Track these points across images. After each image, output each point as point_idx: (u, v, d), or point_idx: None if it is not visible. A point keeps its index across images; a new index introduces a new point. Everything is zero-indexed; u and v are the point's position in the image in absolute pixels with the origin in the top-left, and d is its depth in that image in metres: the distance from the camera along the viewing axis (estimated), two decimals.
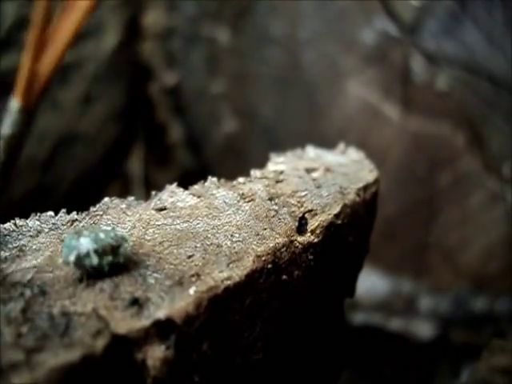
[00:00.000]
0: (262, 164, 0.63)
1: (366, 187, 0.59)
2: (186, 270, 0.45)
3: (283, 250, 0.49)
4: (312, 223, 0.52)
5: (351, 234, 0.57)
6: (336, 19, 1.07)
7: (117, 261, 0.44)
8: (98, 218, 0.52)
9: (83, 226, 0.51)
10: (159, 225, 0.51)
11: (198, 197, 0.55)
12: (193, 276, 0.44)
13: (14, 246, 0.48)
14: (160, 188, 0.56)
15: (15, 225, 0.50)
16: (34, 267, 0.45)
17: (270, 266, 0.48)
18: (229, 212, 0.53)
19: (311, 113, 1.11)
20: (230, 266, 0.46)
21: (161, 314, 0.41)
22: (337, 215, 0.54)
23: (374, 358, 1.04)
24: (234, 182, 0.58)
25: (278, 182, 0.58)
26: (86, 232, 0.44)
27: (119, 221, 0.51)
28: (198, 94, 1.18)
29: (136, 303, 0.42)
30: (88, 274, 0.44)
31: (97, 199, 0.55)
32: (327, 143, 0.69)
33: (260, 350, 0.48)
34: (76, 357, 0.37)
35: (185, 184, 0.57)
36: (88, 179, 1.16)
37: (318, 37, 1.08)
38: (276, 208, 0.53)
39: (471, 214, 1.02)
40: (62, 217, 0.52)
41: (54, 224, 0.51)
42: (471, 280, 1.03)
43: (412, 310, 1.06)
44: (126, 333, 0.40)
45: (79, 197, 1.10)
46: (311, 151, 0.66)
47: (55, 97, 1.06)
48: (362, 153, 0.66)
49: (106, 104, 1.16)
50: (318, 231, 0.52)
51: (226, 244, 0.48)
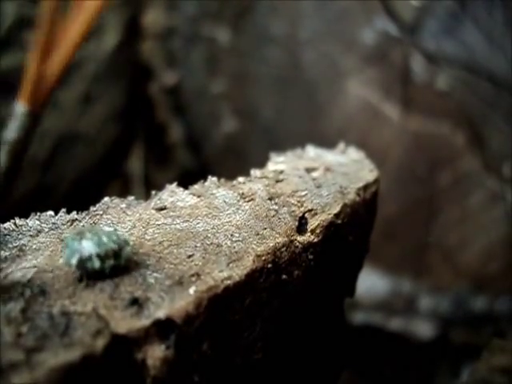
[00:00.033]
0: (261, 164, 0.63)
1: (366, 187, 0.59)
2: (185, 269, 0.45)
3: (283, 249, 0.49)
4: (312, 223, 0.52)
5: (351, 234, 0.57)
6: (336, 19, 1.07)
7: (118, 264, 0.44)
8: (98, 217, 0.52)
9: (84, 227, 0.51)
10: (159, 224, 0.51)
11: (198, 196, 0.55)
12: (193, 276, 0.44)
13: (14, 245, 0.48)
14: (160, 188, 0.56)
15: (15, 224, 0.50)
16: (34, 267, 0.45)
17: (270, 265, 0.48)
18: (229, 212, 0.53)
19: (311, 112, 1.10)
20: (230, 265, 0.46)
21: (161, 314, 0.41)
22: (337, 215, 0.54)
23: (374, 357, 1.04)
24: (234, 182, 0.58)
25: (278, 181, 0.57)
26: (89, 235, 0.44)
27: (119, 220, 0.51)
28: (198, 93, 1.18)
29: (136, 303, 0.42)
30: (88, 275, 0.44)
31: (97, 199, 0.54)
32: (327, 143, 0.68)
33: (260, 349, 0.48)
34: (76, 356, 0.37)
35: (185, 184, 0.57)
36: (88, 179, 1.16)
37: (318, 37, 1.08)
38: (276, 208, 0.53)
39: (471, 213, 1.02)
40: (62, 216, 0.52)
41: (54, 224, 0.51)
42: (471, 280, 1.03)
43: (412, 310, 1.05)
44: (126, 332, 0.40)
45: (79, 196, 1.10)
46: (311, 151, 0.66)
47: (55, 97, 1.05)
48: (362, 152, 0.66)
49: (106, 104, 1.16)
50: (318, 231, 0.52)
51: (225, 244, 0.48)
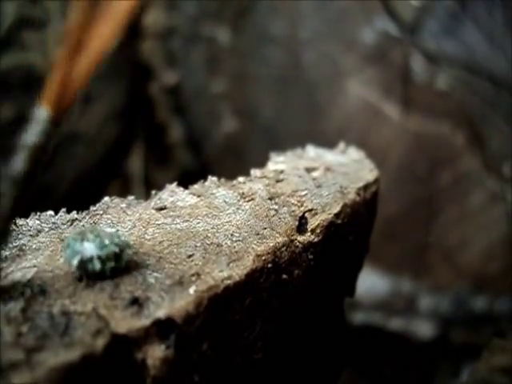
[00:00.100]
0: (262, 163, 0.63)
1: (366, 187, 0.59)
2: (186, 269, 0.45)
3: (283, 249, 0.49)
4: (312, 222, 0.52)
5: (351, 234, 0.57)
6: (336, 19, 1.07)
7: (119, 266, 0.44)
8: (98, 217, 0.52)
9: (85, 227, 0.51)
10: (159, 224, 0.51)
11: (198, 196, 0.55)
12: (193, 275, 0.44)
13: (14, 245, 0.48)
14: (160, 187, 0.56)
15: (15, 224, 0.50)
16: (34, 266, 0.45)
17: (270, 265, 0.48)
18: (229, 211, 0.53)
19: (311, 112, 1.10)
20: (230, 265, 0.46)
21: (161, 314, 0.41)
22: (337, 215, 0.54)
23: (374, 357, 1.04)
24: (234, 182, 0.58)
25: (278, 181, 0.57)
26: (91, 236, 0.44)
27: (119, 220, 0.51)
28: (198, 93, 1.18)
29: (136, 302, 0.41)
30: (89, 276, 0.44)
31: (97, 198, 0.55)
32: (327, 143, 0.68)
33: (260, 349, 0.48)
34: (76, 356, 0.37)
35: (185, 183, 0.57)
36: (88, 178, 1.16)
37: (318, 36, 1.08)
38: (276, 207, 0.53)
39: (471, 213, 1.02)
40: (62, 216, 0.52)
41: (54, 223, 0.51)
42: (471, 280, 1.03)
43: (412, 310, 1.05)
44: (126, 332, 0.40)
45: (79, 196, 1.10)
46: (311, 151, 0.66)
47: None
48: (362, 152, 0.66)
49: (106, 103, 1.16)
50: (318, 231, 0.52)
51: (226, 243, 0.48)
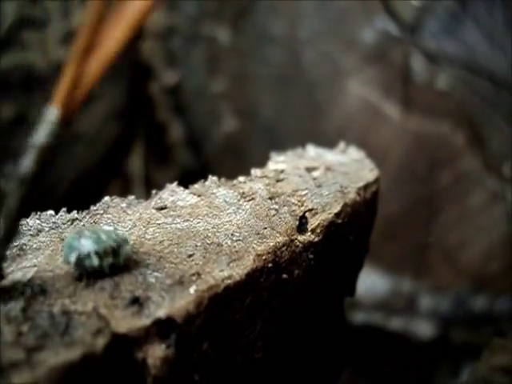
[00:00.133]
0: (262, 163, 0.63)
1: (366, 186, 0.59)
2: (186, 268, 0.45)
3: (284, 249, 0.49)
4: (312, 222, 0.52)
5: (352, 233, 0.57)
6: (336, 19, 1.07)
7: (117, 262, 0.44)
8: (98, 216, 0.52)
9: (84, 226, 0.51)
10: (159, 224, 0.51)
11: (199, 196, 0.55)
12: (193, 275, 0.44)
13: (15, 244, 0.48)
14: (160, 187, 0.56)
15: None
16: (35, 266, 0.45)
17: (270, 265, 0.48)
18: (229, 211, 0.53)
19: (312, 112, 1.10)
20: (231, 264, 0.46)
21: (161, 313, 0.41)
22: (337, 214, 0.54)
23: (374, 357, 1.04)
24: (235, 181, 0.58)
25: (278, 181, 0.57)
26: (88, 233, 0.44)
27: (119, 220, 0.51)
28: (198, 93, 1.18)
29: (136, 302, 0.41)
30: (88, 274, 0.44)
31: (97, 198, 0.55)
32: (327, 142, 0.68)
33: (260, 349, 0.48)
34: (76, 356, 0.37)
35: (185, 183, 0.57)
36: (88, 178, 1.16)
37: (318, 36, 1.08)
38: (276, 207, 0.53)
39: (471, 213, 1.02)
40: (63, 216, 0.52)
41: (54, 223, 0.51)
42: (471, 279, 1.03)
43: (412, 310, 1.05)
44: (127, 332, 0.40)
45: (79, 196, 1.10)
46: (312, 150, 0.66)
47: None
48: (363, 152, 0.66)
49: (107, 103, 1.16)
50: (318, 230, 0.52)
51: (226, 243, 0.48)
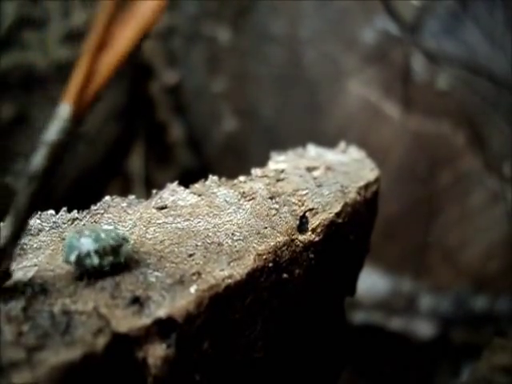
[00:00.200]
0: (262, 163, 0.63)
1: (366, 186, 0.59)
2: (186, 268, 0.45)
3: (284, 248, 0.49)
4: (313, 222, 0.52)
5: (352, 233, 0.57)
6: (337, 18, 1.07)
7: (117, 261, 0.44)
8: (98, 216, 0.52)
9: (84, 225, 0.51)
10: (160, 223, 0.51)
11: (199, 195, 0.55)
12: (194, 274, 0.44)
13: None
14: (161, 187, 0.56)
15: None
16: (35, 265, 0.45)
17: (270, 264, 0.48)
18: (230, 211, 0.53)
19: (312, 112, 1.10)
20: (231, 264, 0.46)
21: (162, 313, 0.41)
22: (338, 214, 0.54)
23: (374, 357, 1.04)
24: (235, 181, 0.58)
25: (278, 180, 0.57)
26: (88, 232, 0.44)
27: (120, 219, 0.51)
28: (198, 92, 1.18)
29: (137, 302, 0.42)
30: (89, 273, 0.44)
31: (98, 198, 0.55)
32: (328, 142, 0.68)
33: (261, 348, 0.48)
34: (77, 355, 0.37)
35: (185, 183, 0.57)
36: (89, 178, 1.16)
37: (318, 36, 1.08)
38: (277, 207, 0.53)
39: (471, 213, 1.02)
40: (63, 215, 0.52)
41: (54, 222, 0.51)
42: (471, 279, 1.03)
43: (412, 310, 1.05)
44: (127, 331, 0.40)
45: (80, 195, 1.10)
46: (312, 150, 0.66)
47: (56, 96, 1.05)
48: (363, 152, 0.66)
49: (107, 103, 1.16)
50: (318, 230, 0.52)
51: (226, 242, 0.48)
